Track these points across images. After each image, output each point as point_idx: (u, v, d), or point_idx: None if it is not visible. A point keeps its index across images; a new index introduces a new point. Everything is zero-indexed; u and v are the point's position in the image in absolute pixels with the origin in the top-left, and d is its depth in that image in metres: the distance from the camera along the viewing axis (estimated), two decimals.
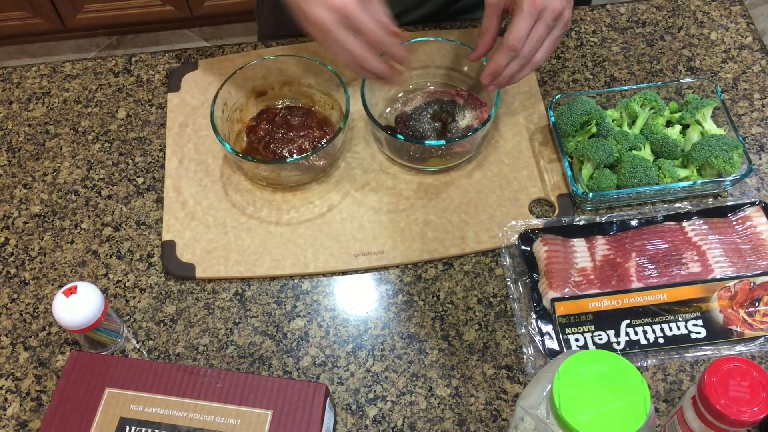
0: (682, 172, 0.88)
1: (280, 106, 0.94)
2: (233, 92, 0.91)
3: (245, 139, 0.92)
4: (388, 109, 0.95)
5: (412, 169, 0.91)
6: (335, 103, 0.92)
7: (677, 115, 0.93)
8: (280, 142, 0.89)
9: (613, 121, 0.93)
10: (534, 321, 0.80)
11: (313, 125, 0.91)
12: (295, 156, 0.88)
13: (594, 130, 0.90)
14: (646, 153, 0.89)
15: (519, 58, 0.80)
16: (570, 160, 0.90)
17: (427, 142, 0.89)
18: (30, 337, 0.82)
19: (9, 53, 2.35)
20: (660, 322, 0.79)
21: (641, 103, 0.92)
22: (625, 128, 0.92)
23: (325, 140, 0.89)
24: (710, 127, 0.90)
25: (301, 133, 0.90)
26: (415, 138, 0.90)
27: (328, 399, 0.71)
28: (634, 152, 0.89)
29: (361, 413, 0.76)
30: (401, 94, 0.96)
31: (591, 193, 0.85)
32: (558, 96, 0.93)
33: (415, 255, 0.85)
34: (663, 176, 0.87)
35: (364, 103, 0.87)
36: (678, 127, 0.92)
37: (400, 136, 0.87)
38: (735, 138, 0.88)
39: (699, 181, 0.86)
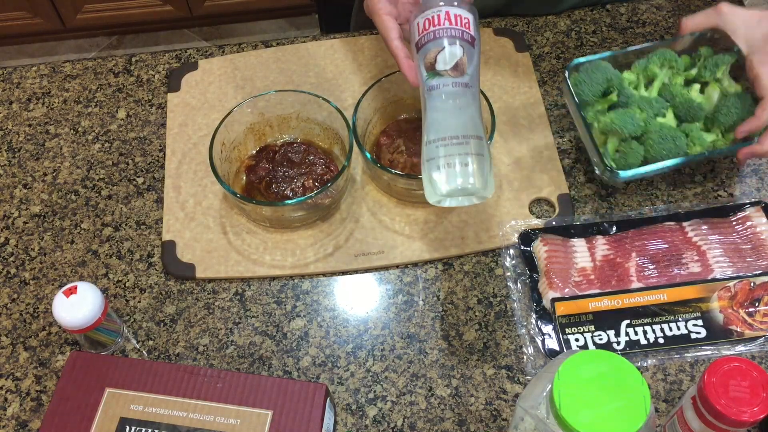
0: (708, 137, 0.83)
1: (279, 143, 0.91)
2: (230, 130, 0.88)
3: (244, 178, 0.89)
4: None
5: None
6: (336, 136, 0.90)
7: (693, 72, 0.87)
8: (281, 181, 0.86)
9: (629, 84, 0.87)
10: (534, 321, 0.80)
11: (314, 161, 0.88)
12: (298, 196, 0.84)
13: (615, 98, 0.85)
14: (669, 119, 0.84)
15: None
16: (589, 133, 0.84)
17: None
18: (30, 337, 0.82)
19: (9, 53, 2.35)
20: (660, 322, 0.79)
21: (661, 63, 0.86)
22: (642, 91, 0.86)
23: (328, 175, 0.87)
24: (729, 84, 0.85)
25: (303, 170, 0.87)
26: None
27: (328, 399, 0.71)
28: (659, 120, 0.83)
29: (361, 413, 0.76)
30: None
31: (621, 173, 0.80)
32: (576, 61, 0.86)
33: (415, 255, 0.85)
34: (692, 144, 0.82)
35: (356, 138, 0.84)
36: (697, 87, 0.86)
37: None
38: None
39: (729, 147, 0.82)
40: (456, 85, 0.74)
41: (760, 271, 0.81)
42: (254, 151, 0.91)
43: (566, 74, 0.86)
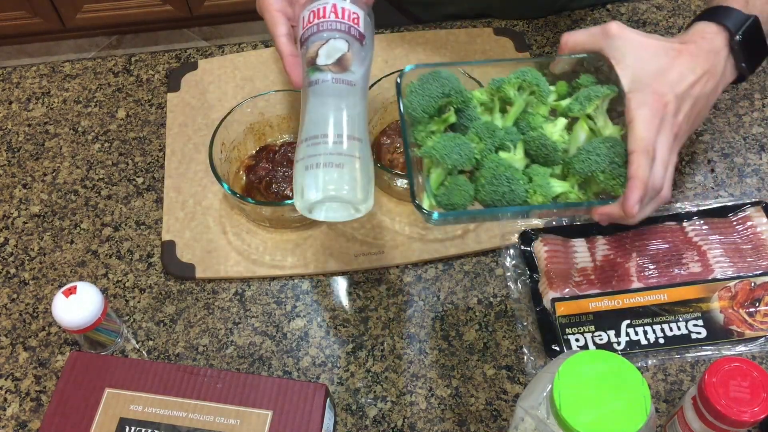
0: (559, 186, 0.67)
1: (279, 143, 0.91)
2: (230, 130, 0.88)
3: (244, 178, 0.89)
4: None
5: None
6: None
7: (565, 102, 0.70)
8: (281, 181, 0.86)
9: (481, 105, 0.71)
10: (534, 321, 0.80)
11: None
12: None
13: (453, 119, 0.69)
14: (518, 155, 0.68)
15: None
16: (414, 156, 0.68)
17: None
18: (30, 337, 0.82)
19: (9, 53, 2.35)
20: (660, 323, 0.79)
21: (519, 86, 0.69)
22: (496, 117, 0.70)
23: None
24: (603, 124, 0.68)
25: None
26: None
27: (328, 399, 0.71)
28: (501, 155, 0.67)
29: (361, 413, 0.76)
30: None
31: (435, 214, 0.64)
32: (410, 67, 0.71)
33: (415, 255, 0.85)
34: (533, 192, 0.66)
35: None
36: (563, 121, 0.69)
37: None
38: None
39: (580, 203, 0.67)
40: (338, 81, 0.67)
41: (760, 271, 0.81)
42: (254, 151, 0.91)
43: (398, 80, 0.71)
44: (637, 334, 0.78)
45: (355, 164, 0.64)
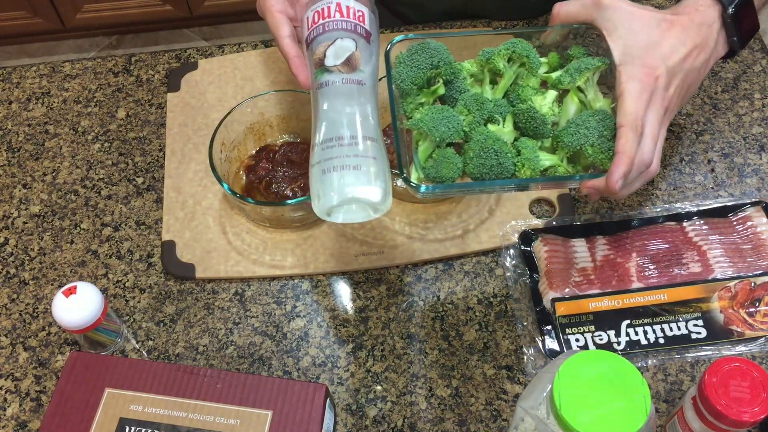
0: (547, 160, 0.66)
1: (279, 143, 0.91)
2: (230, 130, 0.87)
3: (244, 178, 0.89)
4: None
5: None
6: None
7: (556, 74, 0.69)
8: (281, 181, 0.86)
9: (471, 77, 0.71)
10: (534, 321, 0.80)
11: None
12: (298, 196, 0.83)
13: (442, 90, 0.69)
14: (507, 128, 0.68)
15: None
16: (401, 129, 0.68)
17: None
18: (30, 337, 0.82)
19: (9, 53, 2.35)
20: (660, 323, 0.78)
21: (508, 57, 0.68)
22: (486, 89, 0.70)
23: None
24: (594, 97, 0.68)
25: (303, 170, 0.86)
26: None
27: (328, 399, 0.71)
28: (489, 128, 0.67)
29: (361, 413, 0.76)
30: None
31: (423, 187, 0.65)
32: (399, 38, 0.71)
33: (415, 255, 0.85)
34: (522, 166, 0.65)
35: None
36: (553, 94, 0.69)
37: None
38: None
39: (567, 176, 0.66)
40: (348, 82, 0.66)
41: (760, 271, 0.81)
42: (254, 151, 0.91)
43: (388, 49, 0.70)
44: (637, 334, 0.78)
45: (371, 165, 0.64)
